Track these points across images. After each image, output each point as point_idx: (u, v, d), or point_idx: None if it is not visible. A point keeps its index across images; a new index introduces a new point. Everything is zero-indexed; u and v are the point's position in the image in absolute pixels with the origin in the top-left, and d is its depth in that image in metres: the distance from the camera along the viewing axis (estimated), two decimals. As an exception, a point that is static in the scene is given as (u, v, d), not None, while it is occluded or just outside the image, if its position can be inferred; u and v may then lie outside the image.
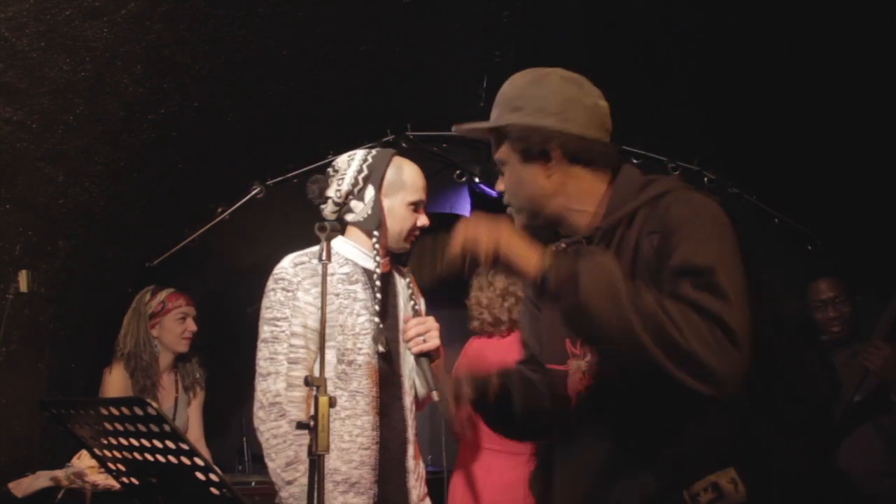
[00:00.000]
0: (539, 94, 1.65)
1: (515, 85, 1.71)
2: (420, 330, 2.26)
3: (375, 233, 2.36)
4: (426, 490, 2.42)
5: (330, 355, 2.29)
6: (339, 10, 2.95)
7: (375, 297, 2.32)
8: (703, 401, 1.41)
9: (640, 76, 3.45)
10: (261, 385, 2.26)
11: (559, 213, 1.66)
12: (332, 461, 2.24)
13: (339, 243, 2.41)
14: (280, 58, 3.11)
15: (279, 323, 2.29)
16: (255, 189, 3.89)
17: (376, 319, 2.30)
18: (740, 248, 1.47)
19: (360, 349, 2.28)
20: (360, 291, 2.34)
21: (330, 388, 2.27)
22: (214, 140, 3.45)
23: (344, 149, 3.86)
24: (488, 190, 4.08)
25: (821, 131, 3.38)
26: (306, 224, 2.33)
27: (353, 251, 2.40)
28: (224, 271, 4.46)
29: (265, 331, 2.30)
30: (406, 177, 2.41)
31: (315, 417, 1.83)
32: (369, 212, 2.38)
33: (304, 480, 2.12)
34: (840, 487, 2.99)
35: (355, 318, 2.31)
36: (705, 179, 3.92)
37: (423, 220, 2.42)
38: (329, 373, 2.30)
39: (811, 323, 3.42)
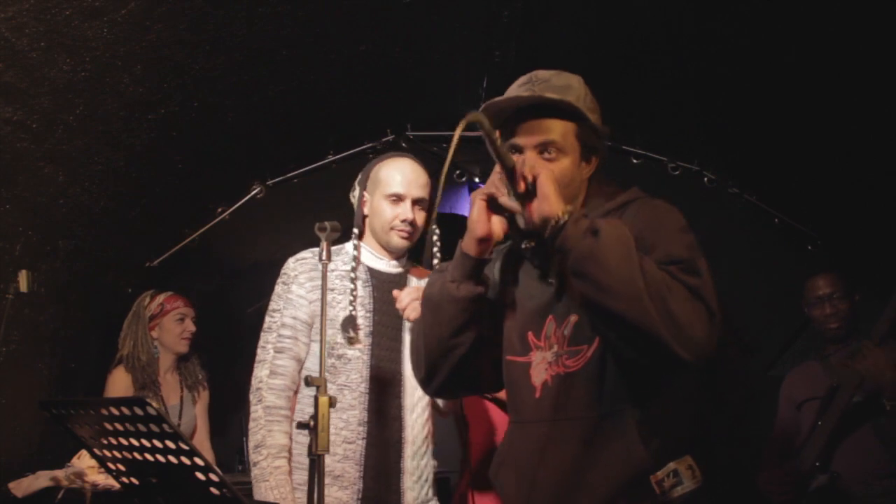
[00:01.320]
0: (595, 106, 1.75)
1: (581, 84, 1.76)
2: (414, 295, 2.27)
3: (355, 230, 2.45)
4: (432, 493, 2.40)
5: (316, 347, 2.33)
6: (339, 10, 2.95)
7: (353, 289, 2.35)
8: (670, 380, 1.61)
9: (640, 76, 3.45)
10: (254, 371, 2.37)
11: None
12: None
13: (355, 245, 2.46)
14: (280, 58, 3.11)
15: (273, 314, 2.39)
16: (255, 189, 3.89)
17: (351, 308, 2.32)
18: None
19: (349, 343, 2.32)
20: (360, 288, 2.38)
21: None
22: (214, 140, 3.45)
23: (344, 149, 3.90)
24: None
25: (821, 131, 3.38)
26: (307, 224, 2.34)
27: (364, 251, 2.46)
28: (224, 271, 4.46)
29: (265, 321, 2.41)
30: (383, 172, 2.44)
31: (315, 417, 1.83)
32: (356, 211, 2.48)
33: (265, 465, 2.24)
34: (835, 478, 3.05)
35: (346, 313, 2.34)
36: (705, 179, 3.92)
37: (404, 213, 2.39)
38: (313, 364, 2.34)
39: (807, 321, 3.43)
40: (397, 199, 2.40)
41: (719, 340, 1.55)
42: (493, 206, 1.69)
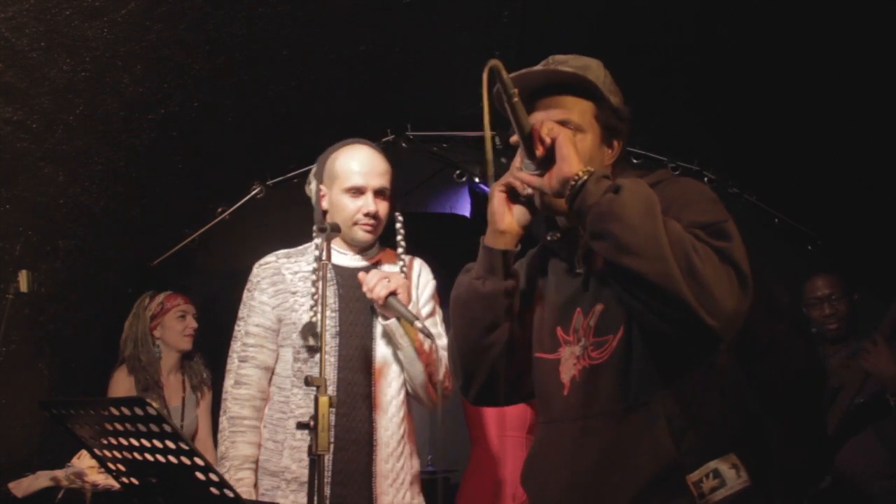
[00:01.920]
0: (616, 90, 1.70)
1: (601, 68, 1.70)
2: (380, 276, 2.23)
3: (314, 227, 2.34)
4: (413, 494, 2.31)
5: (286, 353, 2.30)
6: (339, 10, 2.95)
7: (314, 293, 2.27)
8: (707, 369, 1.48)
9: (640, 76, 3.44)
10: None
11: None
12: (283, 459, 2.23)
13: (317, 245, 2.36)
14: (280, 58, 3.11)
15: (239, 322, 2.37)
16: (255, 189, 3.89)
17: (311, 314, 2.26)
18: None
19: (316, 347, 2.25)
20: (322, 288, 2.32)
21: (287, 385, 2.29)
22: (215, 140, 3.45)
23: (344, 149, 3.89)
24: (488, 190, 4.08)
25: (821, 131, 3.38)
26: (306, 224, 2.34)
27: (333, 250, 2.35)
28: (224, 271, 4.45)
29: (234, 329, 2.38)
30: (338, 165, 2.35)
31: (315, 417, 1.83)
32: (315, 207, 2.39)
33: (227, 477, 2.13)
34: (837, 478, 2.99)
35: (322, 316, 2.29)
36: (705, 179, 3.92)
37: (366, 206, 2.29)
38: (287, 371, 2.30)
39: (805, 319, 3.41)
40: (357, 191, 2.30)
41: (760, 314, 1.47)
42: (512, 196, 1.64)
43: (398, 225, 2.41)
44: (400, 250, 2.40)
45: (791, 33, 2.95)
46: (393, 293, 2.21)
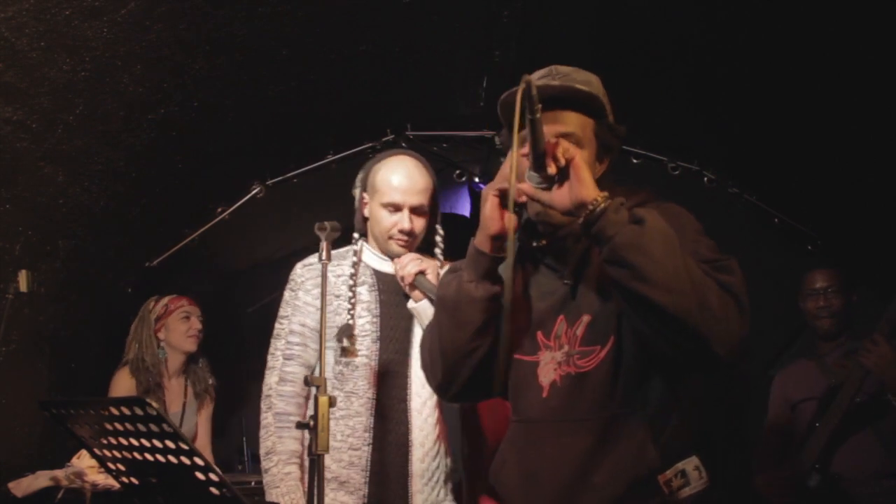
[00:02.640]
0: (609, 107, 1.73)
1: (594, 81, 1.74)
2: (413, 256, 2.31)
3: (354, 235, 2.45)
4: (445, 494, 2.37)
5: (329, 356, 2.33)
6: (339, 10, 2.95)
7: (351, 297, 2.34)
8: (681, 383, 1.59)
9: (640, 76, 3.45)
10: (264, 378, 2.38)
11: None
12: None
13: (363, 247, 2.45)
14: (280, 58, 3.11)
15: (282, 321, 2.40)
16: (255, 189, 3.89)
17: (348, 317, 2.31)
18: None
19: (357, 350, 2.31)
20: (365, 293, 2.37)
21: (328, 388, 2.30)
22: (214, 140, 3.45)
23: (344, 148, 3.90)
24: (484, 190, 4.08)
25: (821, 131, 3.37)
26: (306, 224, 2.34)
27: (367, 254, 2.44)
28: (224, 271, 4.47)
29: (274, 327, 2.42)
30: (379, 179, 2.39)
31: (315, 417, 1.83)
32: (357, 212, 2.47)
33: (276, 471, 2.26)
34: (835, 478, 3.04)
35: (356, 319, 2.34)
36: (705, 179, 3.92)
37: (401, 224, 2.34)
38: (328, 373, 2.33)
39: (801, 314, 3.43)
40: (395, 208, 2.35)
41: None
42: (503, 201, 1.64)
43: (438, 238, 2.48)
44: (438, 262, 2.45)
45: (791, 33, 2.95)
46: (422, 272, 2.28)
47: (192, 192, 3.70)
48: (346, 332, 2.29)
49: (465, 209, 4.50)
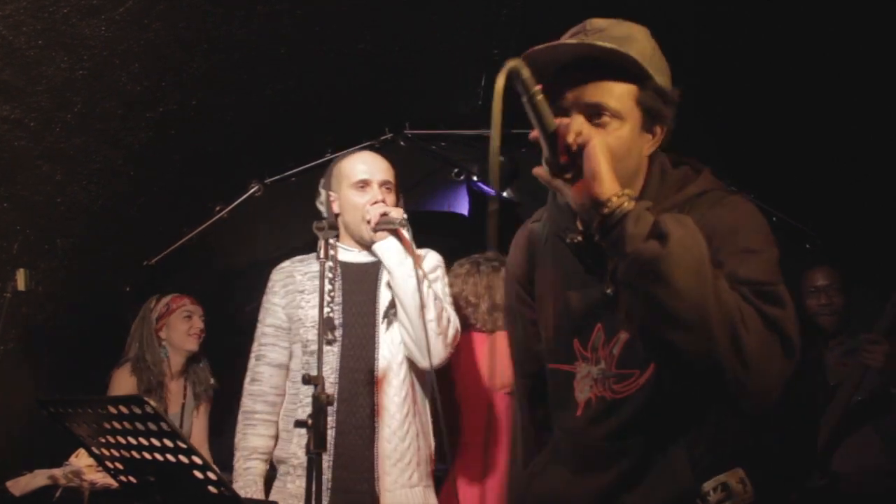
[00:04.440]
0: (663, 66, 1.45)
1: (649, 39, 1.48)
2: (377, 204, 2.39)
3: (314, 224, 2.42)
4: (421, 476, 2.36)
5: (296, 349, 2.45)
6: (337, 8, 2.95)
7: (330, 288, 2.39)
8: (726, 407, 1.40)
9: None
10: None
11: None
12: (291, 446, 2.37)
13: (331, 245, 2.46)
14: (279, 56, 3.11)
15: (258, 324, 2.55)
16: (253, 188, 3.88)
17: (327, 310, 2.37)
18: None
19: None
20: (327, 284, 2.39)
21: (297, 378, 2.43)
22: (213, 138, 3.44)
23: (342, 147, 3.89)
24: (486, 189, 4.08)
25: (820, 130, 3.38)
26: (304, 223, 2.35)
27: (340, 248, 2.51)
28: (222, 270, 4.45)
29: None
30: (343, 166, 2.52)
31: (313, 416, 1.83)
32: (323, 210, 2.56)
33: (237, 466, 2.43)
34: (836, 476, 3.01)
35: (316, 311, 2.36)
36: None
37: (373, 197, 2.43)
38: (297, 365, 2.44)
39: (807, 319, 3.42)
40: (364, 184, 2.46)
41: None
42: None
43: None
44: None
45: (790, 33, 2.95)
46: (385, 214, 2.37)
47: (191, 191, 3.70)
48: (329, 324, 2.35)
49: (463, 208, 4.50)
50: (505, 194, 1.63)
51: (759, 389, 1.25)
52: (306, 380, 1.88)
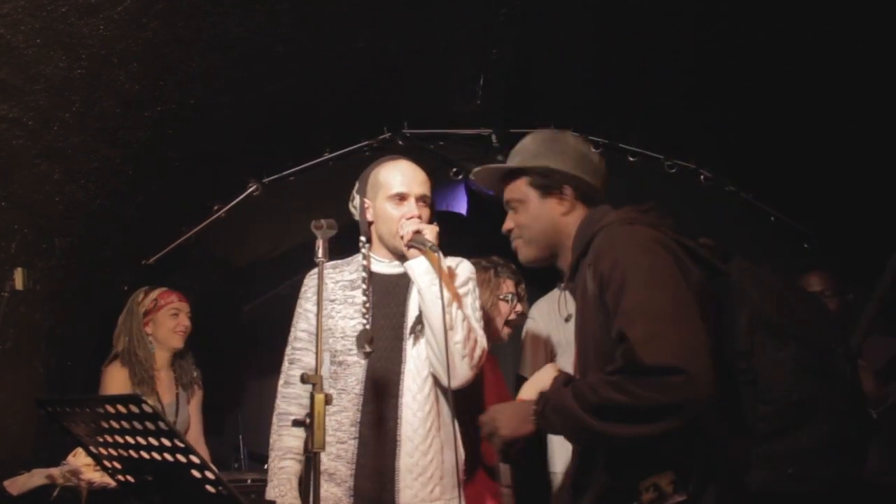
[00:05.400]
0: (558, 148, 1.95)
1: (535, 140, 1.99)
2: (413, 220, 2.38)
3: (362, 238, 2.50)
4: (444, 489, 2.35)
5: (326, 357, 2.43)
6: (335, 7, 2.95)
7: (365, 301, 2.41)
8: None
9: (636, 74, 3.45)
10: None
11: (561, 246, 1.91)
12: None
13: (364, 255, 2.51)
14: (277, 55, 3.11)
15: (292, 328, 2.55)
16: (251, 187, 3.88)
17: (363, 321, 2.38)
18: (677, 269, 1.65)
19: (349, 350, 2.39)
20: (360, 296, 2.43)
21: (325, 387, 2.34)
22: (211, 138, 3.44)
23: (341, 147, 3.90)
24: (484, 188, 4.08)
25: (818, 130, 3.38)
26: (303, 222, 2.34)
27: (372, 259, 2.50)
28: (221, 269, 4.46)
29: None
30: (382, 176, 2.47)
31: (311, 415, 1.83)
32: (358, 218, 2.52)
33: (272, 465, 2.43)
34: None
35: (346, 321, 2.41)
36: (702, 177, 3.92)
37: (410, 211, 2.40)
38: (325, 373, 2.40)
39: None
40: (401, 198, 2.42)
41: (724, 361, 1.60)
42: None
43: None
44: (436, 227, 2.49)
45: (789, 32, 2.95)
46: (419, 231, 2.35)
47: (189, 190, 3.70)
48: (365, 336, 2.34)
49: (461, 207, 4.50)
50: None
51: (677, 415, 1.51)
52: (304, 379, 1.87)
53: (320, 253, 2.08)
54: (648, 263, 1.63)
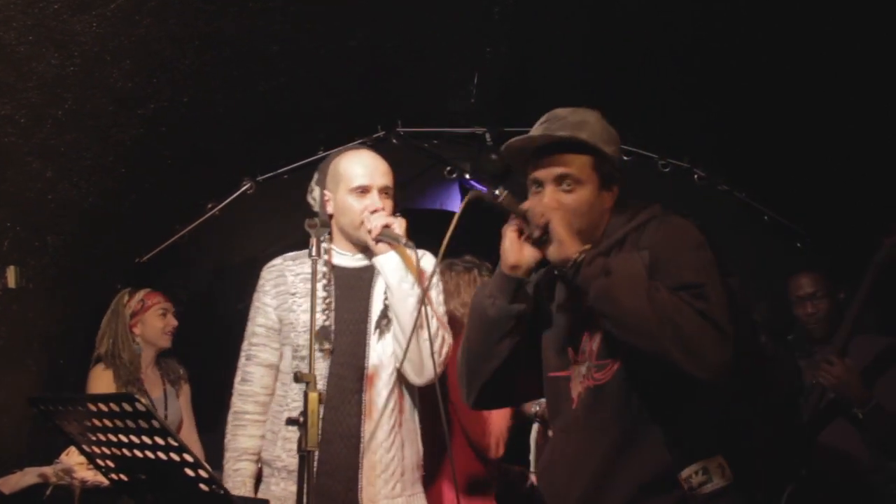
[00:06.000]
0: (612, 137, 1.85)
1: (598, 120, 1.85)
2: (380, 213, 2.32)
3: (306, 221, 2.36)
4: (406, 486, 2.34)
5: (287, 352, 2.41)
6: (329, 5, 2.94)
7: (326, 296, 2.36)
8: (695, 391, 1.67)
9: (631, 73, 3.46)
10: None
11: (595, 237, 1.83)
12: (276, 449, 2.35)
13: (326, 249, 2.43)
14: (271, 53, 3.10)
15: (248, 323, 2.49)
16: (245, 185, 3.88)
17: (323, 317, 2.33)
18: (717, 263, 1.72)
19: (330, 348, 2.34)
20: (321, 289, 2.36)
21: (286, 381, 2.39)
22: (204, 135, 3.44)
23: (334, 145, 3.88)
24: (478, 186, 4.08)
25: (812, 129, 3.39)
26: (296, 220, 2.34)
27: (334, 252, 2.45)
28: (214, 267, 4.45)
29: None
30: (342, 167, 2.41)
31: (305, 413, 1.83)
32: (315, 206, 2.49)
33: (227, 467, 2.39)
34: (818, 473, 3.03)
35: (308, 315, 2.29)
36: (695, 177, 3.93)
37: (372, 204, 2.33)
38: (286, 368, 2.40)
39: (783, 321, 3.43)
40: (363, 190, 2.35)
41: (747, 345, 1.68)
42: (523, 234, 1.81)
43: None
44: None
45: (785, 32, 2.96)
46: (388, 226, 2.30)
47: (182, 188, 3.69)
48: (325, 334, 2.31)
49: (455, 206, 4.50)
50: (496, 192, 1.79)
51: (702, 367, 1.57)
52: (297, 378, 1.87)
53: (314, 251, 2.08)
54: (707, 256, 1.72)
